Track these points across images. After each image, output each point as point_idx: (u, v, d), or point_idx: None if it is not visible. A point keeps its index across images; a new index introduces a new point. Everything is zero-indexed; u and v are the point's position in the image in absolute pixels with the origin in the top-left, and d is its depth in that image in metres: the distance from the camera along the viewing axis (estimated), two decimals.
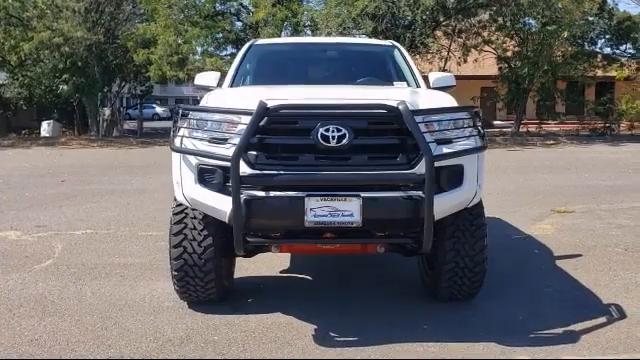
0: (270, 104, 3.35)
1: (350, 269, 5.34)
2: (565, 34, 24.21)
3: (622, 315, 4.12)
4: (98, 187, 10.39)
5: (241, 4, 23.42)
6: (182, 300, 4.27)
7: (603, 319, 4.04)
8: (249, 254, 4.31)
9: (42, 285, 4.76)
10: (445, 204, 3.61)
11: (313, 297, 4.56)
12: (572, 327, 3.89)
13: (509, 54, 27.48)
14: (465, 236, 3.98)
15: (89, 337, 3.74)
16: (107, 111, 25.35)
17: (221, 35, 21.56)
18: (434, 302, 4.34)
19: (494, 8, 22.51)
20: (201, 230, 3.93)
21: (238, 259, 4.54)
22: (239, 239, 3.46)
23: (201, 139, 3.64)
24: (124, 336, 3.76)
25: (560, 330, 3.85)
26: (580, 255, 5.72)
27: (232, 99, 3.77)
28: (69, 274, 5.08)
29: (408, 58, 5.32)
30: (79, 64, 22.60)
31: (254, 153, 3.45)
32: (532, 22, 26.61)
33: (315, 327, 3.89)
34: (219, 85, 5.05)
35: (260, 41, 5.52)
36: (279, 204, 3.44)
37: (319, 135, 3.40)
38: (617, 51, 32.32)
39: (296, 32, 20.80)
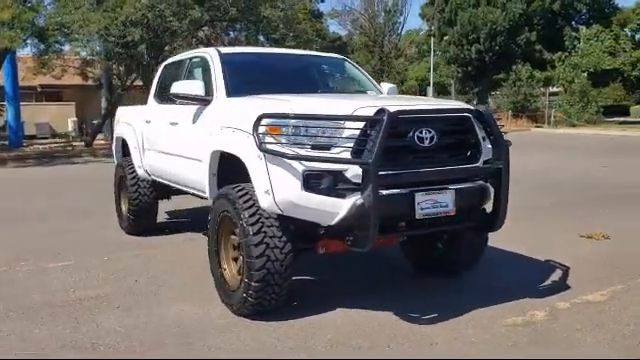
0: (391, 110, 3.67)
1: (331, 264, 5.51)
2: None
3: (566, 267, 5.41)
4: None
5: None
6: (250, 312, 4.12)
7: (561, 271, 5.28)
8: None
9: (44, 333, 3.99)
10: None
11: (346, 293, 4.69)
12: (553, 278, 5.05)
13: None
14: None
15: None
16: None
17: None
18: (436, 282, 5.05)
19: (244, 23, 23.66)
20: (280, 237, 3.95)
21: None
22: (374, 235, 3.66)
23: (302, 145, 3.73)
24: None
25: (549, 282, 4.97)
26: None
27: (329, 107, 3.94)
28: (49, 316, 4.30)
29: (360, 68, 5.92)
30: None
31: None
32: (261, 38, 28.85)
33: (403, 315, 4.19)
34: (207, 94, 4.89)
35: (225, 50, 5.41)
36: (397, 201, 3.78)
37: (415, 137, 3.86)
38: None
39: (44, 37, 18.77)
